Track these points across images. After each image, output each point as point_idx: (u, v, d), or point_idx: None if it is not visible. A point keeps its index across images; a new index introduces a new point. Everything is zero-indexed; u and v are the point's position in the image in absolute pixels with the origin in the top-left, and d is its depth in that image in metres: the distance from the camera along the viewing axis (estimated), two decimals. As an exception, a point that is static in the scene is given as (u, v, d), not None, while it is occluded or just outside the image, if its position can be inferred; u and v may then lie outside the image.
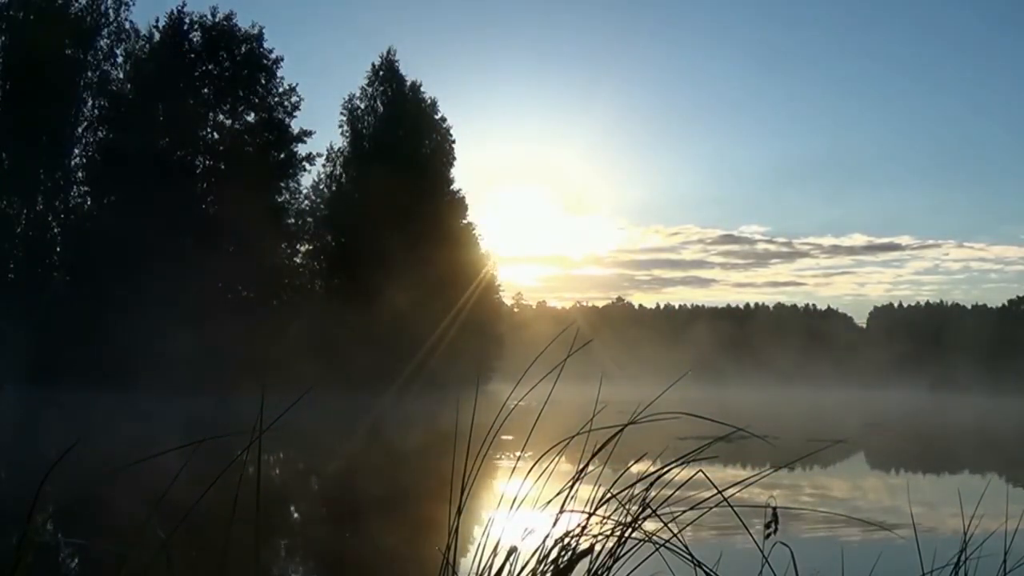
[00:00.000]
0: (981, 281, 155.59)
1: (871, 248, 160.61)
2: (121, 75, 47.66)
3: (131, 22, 48.29)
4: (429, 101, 54.90)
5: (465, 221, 55.73)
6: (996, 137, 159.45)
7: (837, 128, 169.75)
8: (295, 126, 49.25)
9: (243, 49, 48.51)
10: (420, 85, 54.78)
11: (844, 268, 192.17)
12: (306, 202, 51.03)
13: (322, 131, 56.67)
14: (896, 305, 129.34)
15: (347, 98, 53.82)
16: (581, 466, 2.32)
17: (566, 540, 2.26)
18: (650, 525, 2.25)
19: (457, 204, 55.02)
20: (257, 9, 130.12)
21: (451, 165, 55.52)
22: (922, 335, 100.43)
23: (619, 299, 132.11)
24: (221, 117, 48.34)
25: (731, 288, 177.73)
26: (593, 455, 2.34)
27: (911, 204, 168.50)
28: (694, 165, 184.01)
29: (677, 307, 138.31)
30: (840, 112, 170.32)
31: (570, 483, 2.29)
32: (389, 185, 47.34)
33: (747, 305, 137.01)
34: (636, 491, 2.30)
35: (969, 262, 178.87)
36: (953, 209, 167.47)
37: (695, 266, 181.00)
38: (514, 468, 2.39)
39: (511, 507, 2.29)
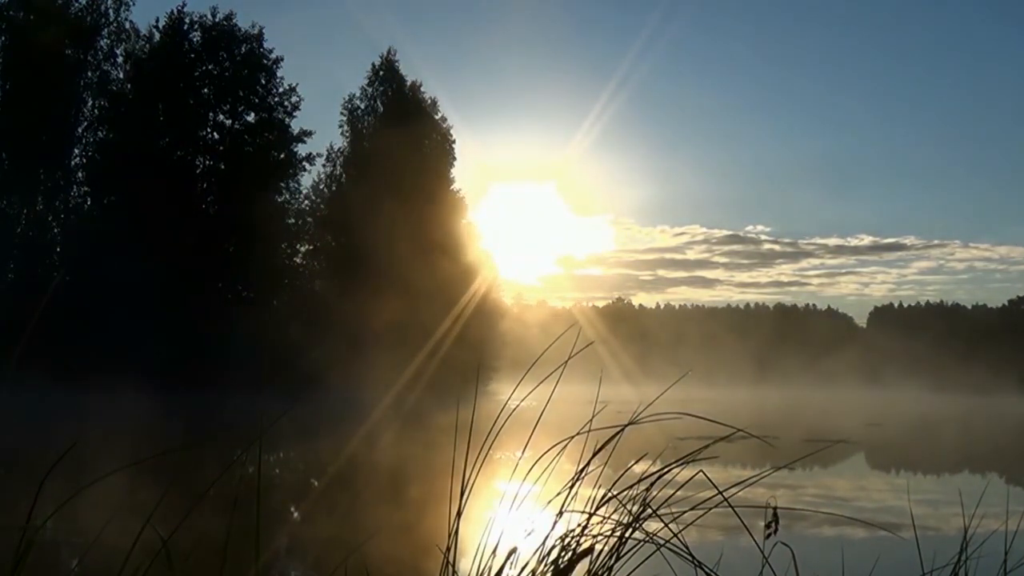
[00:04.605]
0: (985, 281, 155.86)
1: (876, 248, 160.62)
2: (121, 75, 47.74)
3: (131, 22, 48.44)
4: (429, 101, 54.92)
5: (465, 221, 55.74)
6: (1003, 137, 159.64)
7: (843, 128, 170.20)
8: (295, 126, 49.36)
9: (243, 49, 48.54)
10: (420, 85, 54.81)
11: (848, 268, 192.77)
12: (306, 202, 51.08)
13: (322, 131, 56.71)
14: (896, 305, 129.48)
15: (347, 98, 53.83)
16: (581, 466, 2.32)
17: (566, 540, 2.26)
18: (651, 525, 2.25)
19: (457, 204, 54.98)
20: (257, 9, 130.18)
21: (451, 165, 55.52)
22: (922, 335, 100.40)
23: (619, 299, 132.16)
24: (221, 117, 48.36)
25: (735, 288, 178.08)
26: (593, 455, 2.34)
27: (917, 204, 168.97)
28: (700, 165, 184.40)
29: (677, 307, 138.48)
30: (847, 112, 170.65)
31: (570, 483, 2.29)
32: (389, 185, 47.34)
33: (747, 305, 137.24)
34: (636, 491, 2.30)
35: (973, 262, 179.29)
36: (959, 209, 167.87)
37: (699, 266, 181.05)
38: (515, 468, 2.39)
39: (511, 507, 2.29)
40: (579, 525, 2.26)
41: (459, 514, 2.23)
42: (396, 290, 43.56)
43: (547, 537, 2.25)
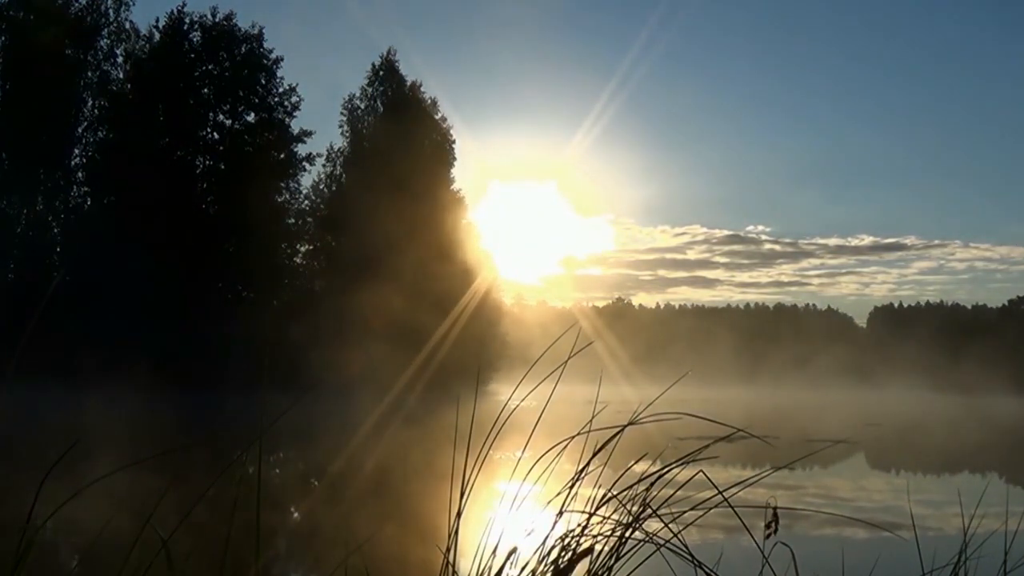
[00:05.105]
0: (986, 281, 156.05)
1: (877, 248, 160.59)
2: (121, 75, 47.77)
3: (131, 22, 48.56)
4: (429, 101, 54.95)
5: (465, 221, 55.73)
6: (1003, 138, 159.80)
7: (844, 128, 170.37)
8: (295, 126, 49.39)
9: (243, 49, 48.56)
10: (420, 85, 54.85)
11: (849, 268, 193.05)
12: (306, 202, 51.10)
13: (322, 131, 56.72)
14: (896, 305, 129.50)
15: (347, 98, 53.87)
16: (581, 466, 2.32)
17: (566, 540, 2.26)
18: (651, 525, 2.25)
19: (457, 204, 54.98)
20: (257, 9, 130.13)
21: (451, 165, 55.54)
22: (922, 335, 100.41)
23: (619, 299, 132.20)
24: (221, 117, 48.38)
25: (735, 288, 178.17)
26: (593, 455, 2.34)
27: (917, 204, 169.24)
28: (700, 165, 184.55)
29: (678, 307, 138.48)
30: (847, 112, 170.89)
31: (570, 483, 2.29)
32: (389, 185, 47.34)
33: (747, 305, 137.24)
34: (636, 491, 2.30)
35: (974, 262, 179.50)
36: (959, 209, 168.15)
37: (700, 266, 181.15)
38: (514, 468, 2.39)
39: (511, 507, 2.29)
40: (579, 525, 2.26)
41: (459, 514, 2.23)
42: (396, 290, 43.55)
43: (547, 537, 2.25)
